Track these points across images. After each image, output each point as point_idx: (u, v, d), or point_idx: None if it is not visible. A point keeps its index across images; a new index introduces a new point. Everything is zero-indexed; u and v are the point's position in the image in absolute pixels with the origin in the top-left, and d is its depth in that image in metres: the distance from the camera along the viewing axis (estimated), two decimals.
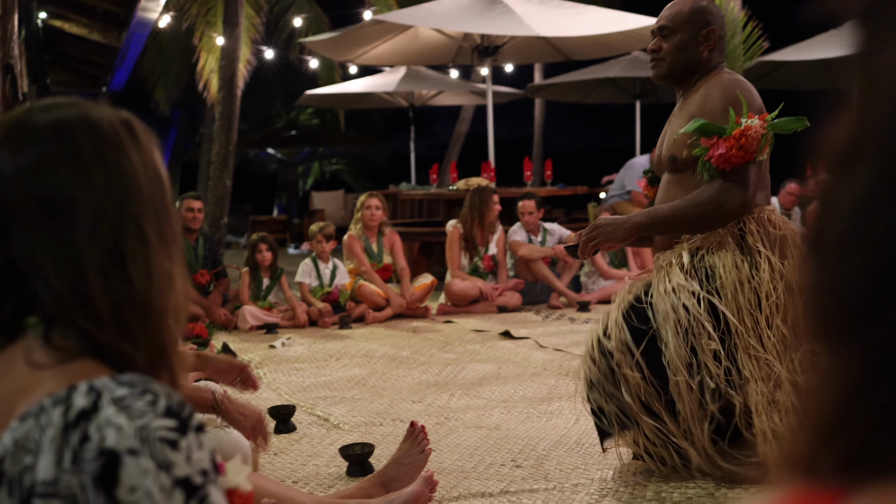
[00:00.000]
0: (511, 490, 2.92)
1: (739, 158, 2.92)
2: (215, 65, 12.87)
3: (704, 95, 3.08)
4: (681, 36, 3.18)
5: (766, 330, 2.87)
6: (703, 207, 2.98)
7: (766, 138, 2.95)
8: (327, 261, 7.27)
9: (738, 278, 2.93)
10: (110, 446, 0.97)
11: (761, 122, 2.94)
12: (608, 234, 3.06)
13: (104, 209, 1.10)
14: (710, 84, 3.10)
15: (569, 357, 5.31)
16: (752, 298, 2.90)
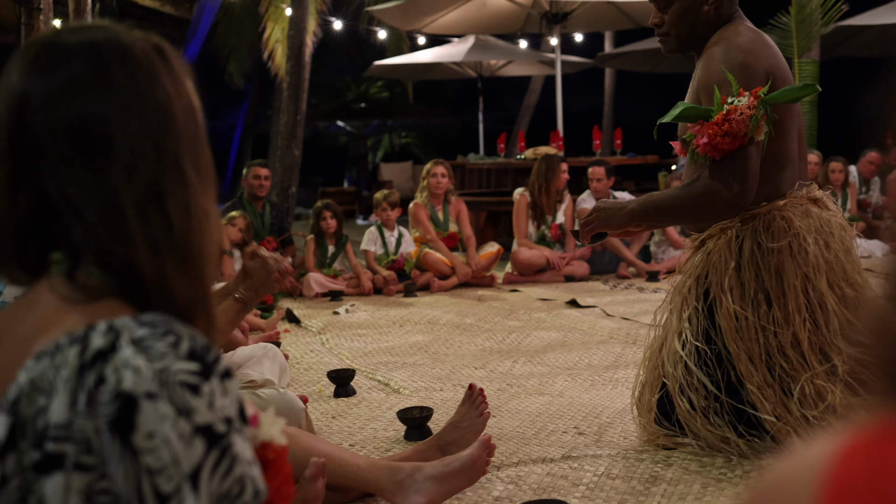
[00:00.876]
0: (573, 456, 2.84)
1: (728, 144, 2.65)
2: (281, 35, 12.87)
3: (706, 63, 2.79)
4: (678, 2, 2.89)
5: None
6: (695, 199, 2.76)
7: (758, 118, 2.64)
8: (392, 229, 7.22)
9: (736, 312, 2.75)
10: (127, 389, 0.91)
11: (751, 99, 2.64)
12: (605, 220, 2.90)
13: (140, 143, 1.03)
14: (714, 49, 2.79)
15: (636, 325, 5.20)
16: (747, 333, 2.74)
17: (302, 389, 3.83)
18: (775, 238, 2.75)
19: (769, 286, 2.74)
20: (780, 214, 2.79)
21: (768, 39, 2.86)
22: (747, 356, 2.73)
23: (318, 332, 5.24)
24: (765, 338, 2.73)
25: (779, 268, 2.74)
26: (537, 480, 2.63)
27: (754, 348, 2.73)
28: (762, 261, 2.75)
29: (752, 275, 2.75)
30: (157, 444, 0.90)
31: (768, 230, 2.77)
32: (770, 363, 2.72)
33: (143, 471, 0.90)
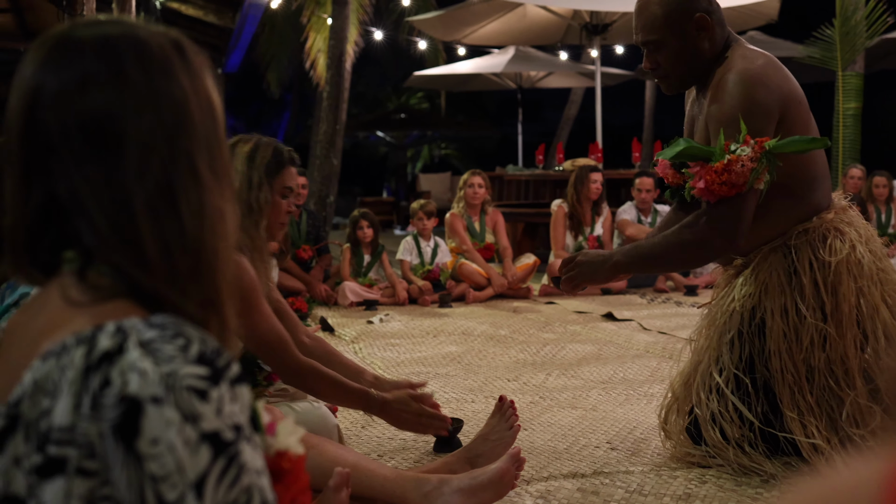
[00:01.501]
0: (605, 471, 2.78)
1: (726, 192, 2.55)
2: (323, 45, 12.93)
3: (716, 95, 2.66)
4: (671, 44, 2.71)
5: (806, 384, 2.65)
6: (686, 247, 2.67)
7: (760, 171, 2.53)
8: (429, 238, 7.18)
9: (786, 334, 2.65)
10: (132, 393, 0.88)
11: (755, 150, 2.51)
12: (588, 277, 2.78)
13: (154, 141, 1.00)
14: (726, 79, 2.64)
15: (673, 340, 5.12)
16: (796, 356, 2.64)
17: None
18: (833, 251, 2.67)
19: (825, 300, 2.65)
20: (832, 227, 2.72)
21: (777, 62, 2.73)
22: (792, 379, 2.65)
23: (352, 341, 5.22)
24: (815, 357, 2.64)
25: (836, 282, 2.65)
26: (567, 496, 2.57)
27: (801, 370, 2.64)
28: (819, 275, 2.66)
29: (810, 291, 2.66)
30: (161, 451, 0.87)
31: (825, 243, 2.69)
32: (815, 384, 2.64)
33: (146, 478, 0.87)
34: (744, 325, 2.75)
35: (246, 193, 2.58)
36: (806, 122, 2.71)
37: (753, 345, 2.73)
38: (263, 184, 2.60)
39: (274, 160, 2.64)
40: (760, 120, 2.59)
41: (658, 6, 2.71)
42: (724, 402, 2.73)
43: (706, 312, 2.94)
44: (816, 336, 2.64)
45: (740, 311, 2.77)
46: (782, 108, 2.64)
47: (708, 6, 2.72)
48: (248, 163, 2.61)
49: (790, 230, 2.73)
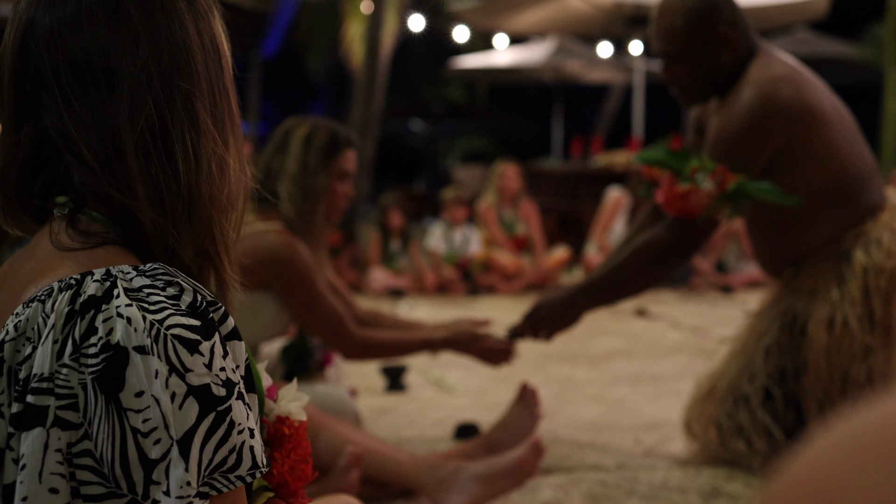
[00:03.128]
0: (628, 465, 2.70)
1: (687, 214, 2.45)
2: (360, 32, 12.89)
3: (728, 110, 2.51)
4: (691, 57, 2.56)
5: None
6: (647, 265, 2.57)
7: (716, 209, 2.43)
8: (459, 227, 7.11)
9: (827, 347, 2.52)
10: (117, 341, 0.83)
11: (715, 189, 2.40)
12: (554, 327, 2.72)
13: (148, 79, 0.95)
14: (742, 95, 2.49)
15: (706, 338, 5.01)
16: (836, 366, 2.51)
17: (354, 382, 3.74)
18: (890, 255, 2.52)
19: (874, 308, 2.51)
20: (888, 228, 2.56)
21: (798, 75, 2.54)
22: (824, 394, 2.53)
23: None
24: (854, 369, 2.51)
25: (890, 289, 2.51)
26: (588, 488, 2.49)
27: (837, 384, 2.51)
28: (872, 281, 2.52)
29: (859, 298, 2.51)
30: (146, 403, 0.82)
31: (880, 247, 2.54)
32: (850, 397, 2.52)
33: (128, 432, 0.82)
34: (783, 334, 2.64)
35: (302, 178, 2.53)
36: (828, 140, 2.53)
37: (790, 356, 2.62)
38: (320, 168, 2.54)
39: (330, 143, 2.57)
40: (750, 150, 2.47)
41: (680, 16, 2.55)
42: (751, 414, 2.63)
43: (750, 320, 2.83)
44: (859, 348, 2.50)
45: (780, 319, 2.66)
46: (793, 128, 2.48)
47: (732, 17, 2.56)
48: (304, 146, 2.55)
49: (843, 234, 2.58)
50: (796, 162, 2.52)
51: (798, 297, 2.65)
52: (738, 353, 2.77)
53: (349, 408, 2.65)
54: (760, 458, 2.60)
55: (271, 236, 2.46)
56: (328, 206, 2.60)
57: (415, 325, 2.96)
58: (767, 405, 2.62)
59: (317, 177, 2.54)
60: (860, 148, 2.63)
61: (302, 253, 2.46)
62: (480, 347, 2.68)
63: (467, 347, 2.68)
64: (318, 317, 2.51)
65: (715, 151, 2.49)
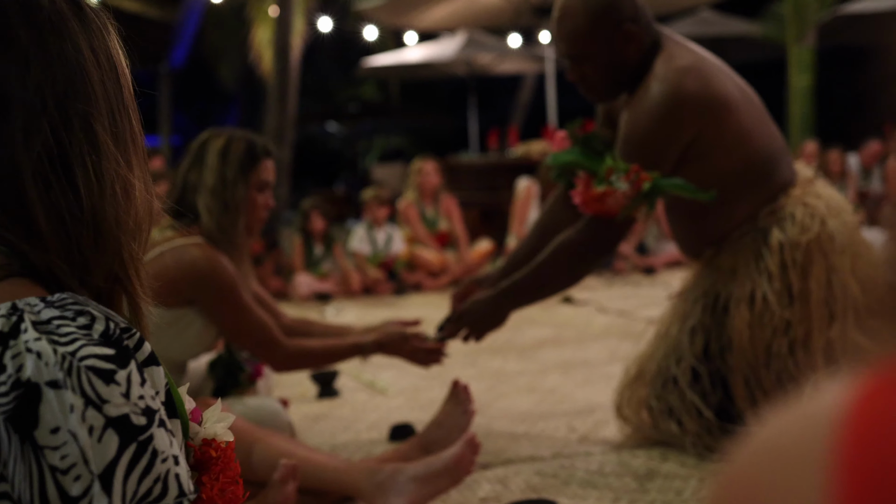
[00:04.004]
0: (564, 454, 2.71)
1: (604, 214, 2.49)
2: (268, 38, 12.76)
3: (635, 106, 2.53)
4: (597, 57, 2.56)
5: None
6: (566, 265, 2.59)
7: (634, 207, 2.46)
8: (381, 227, 7.09)
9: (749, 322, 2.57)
10: (28, 378, 0.79)
11: (631, 189, 2.43)
12: (481, 329, 2.70)
13: (42, 103, 0.91)
14: (649, 90, 2.50)
15: (633, 321, 5.07)
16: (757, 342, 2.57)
17: (285, 391, 3.70)
18: (804, 229, 2.57)
19: (793, 282, 2.56)
20: (800, 202, 2.62)
21: (703, 64, 2.55)
22: (749, 370, 2.57)
23: None
24: (776, 342, 2.56)
25: (806, 262, 2.56)
26: (526, 480, 2.50)
27: (761, 358, 2.56)
28: (789, 256, 2.57)
29: (777, 273, 2.56)
30: (62, 440, 0.78)
31: (794, 221, 2.59)
32: (773, 369, 2.57)
33: (46, 471, 0.78)
34: (706, 314, 2.69)
35: (221, 191, 2.49)
36: (737, 126, 2.56)
37: (714, 335, 2.67)
38: (238, 180, 2.50)
39: (248, 154, 2.53)
40: (661, 146, 2.50)
41: (583, 17, 2.53)
42: (680, 394, 2.67)
43: (673, 302, 2.86)
44: (780, 322, 2.55)
45: (703, 300, 2.71)
46: (701, 120, 2.51)
47: (634, 13, 2.56)
48: (221, 159, 2.50)
49: (758, 212, 2.63)
50: (708, 151, 2.54)
51: (718, 276, 2.69)
52: (664, 335, 2.81)
53: (282, 419, 2.61)
54: (692, 437, 2.64)
55: (192, 250, 2.42)
56: (249, 218, 2.57)
57: (344, 329, 2.94)
58: (696, 385, 2.66)
59: (236, 189, 2.51)
60: (769, 128, 2.67)
61: (224, 265, 2.42)
62: (411, 348, 2.68)
63: (397, 349, 2.68)
64: (244, 329, 2.48)
65: (626, 150, 2.50)
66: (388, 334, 2.67)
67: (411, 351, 2.68)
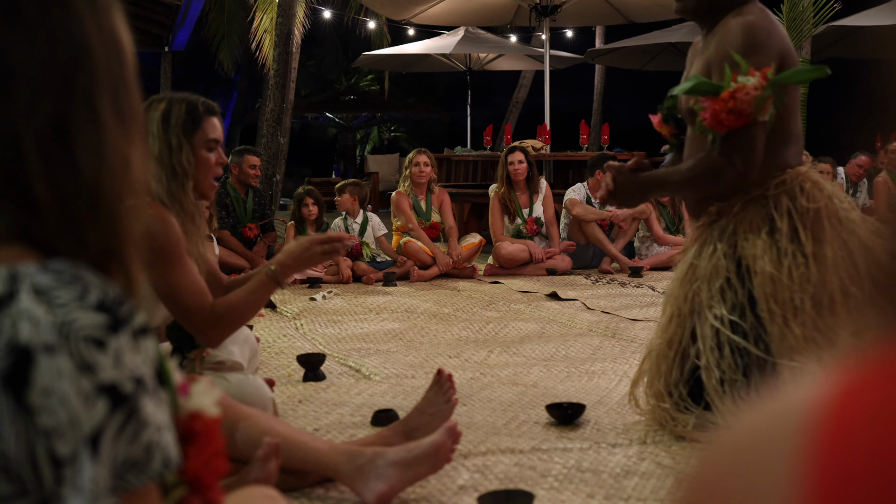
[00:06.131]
0: (543, 448, 2.75)
1: (733, 122, 2.62)
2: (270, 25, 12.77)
3: (722, 37, 2.76)
4: None
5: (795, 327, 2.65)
6: (701, 178, 2.76)
7: (765, 99, 2.61)
8: (356, 216, 7.13)
9: (772, 276, 2.68)
10: (23, 341, 0.82)
11: (759, 80, 2.60)
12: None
13: (46, 79, 0.93)
14: (731, 23, 2.76)
15: (616, 319, 5.12)
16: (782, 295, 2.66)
17: (271, 373, 3.74)
18: (811, 199, 2.74)
19: (805, 243, 2.69)
20: (808, 178, 2.79)
21: (780, 24, 2.83)
22: (781, 318, 2.66)
23: (293, 318, 5.15)
24: (801, 301, 2.66)
25: (816, 228, 2.70)
26: (504, 470, 2.54)
27: (789, 307, 2.66)
28: (799, 220, 2.72)
29: (789, 236, 2.70)
30: (53, 403, 0.81)
31: (802, 192, 2.75)
32: (801, 322, 2.65)
33: (37, 431, 0.81)
34: (730, 272, 2.77)
35: (168, 157, 2.49)
36: (791, 88, 2.78)
37: (742, 291, 2.75)
38: (183, 144, 2.50)
39: (189, 117, 2.53)
40: (763, 58, 2.66)
41: None
42: (721, 352, 2.72)
43: (681, 268, 2.95)
44: (798, 276, 2.67)
45: (725, 259, 2.79)
46: (780, 59, 2.70)
47: None
48: (162, 125, 2.51)
49: (766, 181, 2.79)
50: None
51: (734, 237, 2.80)
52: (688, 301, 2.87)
53: (265, 395, 2.64)
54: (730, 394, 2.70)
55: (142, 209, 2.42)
56: (202, 178, 2.56)
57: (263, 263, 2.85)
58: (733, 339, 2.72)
59: (181, 154, 2.51)
60: (798, 109, 2.88)
61: (171, 222, 2.41)
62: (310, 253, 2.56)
63: (299, 259, 2.55)
64: (178, 291, 2.42)
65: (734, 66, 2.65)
66: (286, 251, 2.58)
67: (312, 255, 2.56)
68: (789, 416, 0.40)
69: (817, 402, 0.40)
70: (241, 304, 2.51)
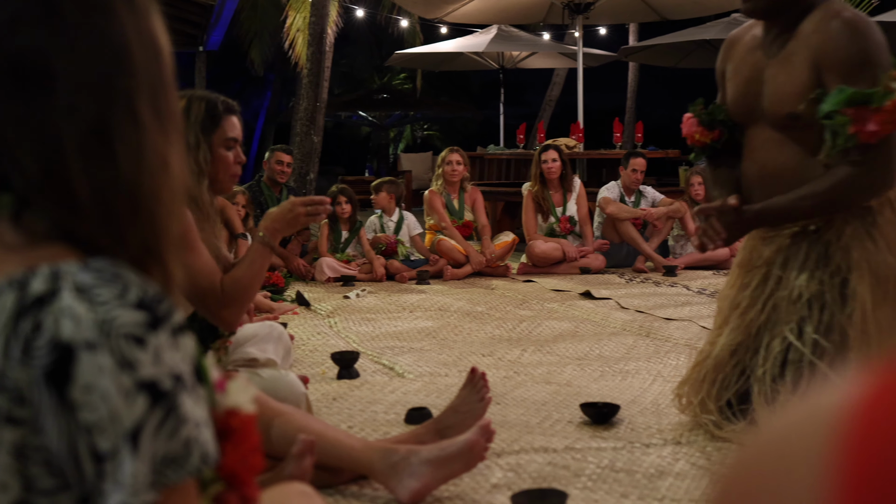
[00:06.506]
0: (576, 447, 2.75)
1: (888, 131, 2.52)
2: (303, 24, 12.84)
3: (823, 36, 2.60)
4: None
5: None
6: (846, 196, 2.60)
7: None
8: (392, 214, 7.15)
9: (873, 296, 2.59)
10: (65, 338, 0.83)
11: None
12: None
13: (88, 80, 0.95)
14: (832, 25, 2.59)
15: (650, 319, 5.10)
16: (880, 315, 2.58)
17: (305, 370, 3.76)
18: None
19: None
20: None
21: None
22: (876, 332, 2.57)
23: (327, 316, 5.18)
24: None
25: None
26: (538, 469, 2.54)
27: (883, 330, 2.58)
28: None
29: (886, 249, 2.62)
30: (94, 399, 0.82)
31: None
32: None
33: (79, 427, 0.83)
34: (826, 288, 2.67)
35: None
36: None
37: (837, 310, 2.65)
38: (201, 142, 2.52)
39: (208, 115, 2.54)
40: (887, 62, 2.57)
41: None
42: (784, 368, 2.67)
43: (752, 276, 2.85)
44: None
45: (820, 275, 2.69)
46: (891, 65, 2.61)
47: None
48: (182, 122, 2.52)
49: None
50: None
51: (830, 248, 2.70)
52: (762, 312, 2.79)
53: (298, 391, 2.66)
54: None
55: None
56: (220, 176, 2.58)
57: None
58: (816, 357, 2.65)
59: (199, 152, 2.52)
60: None
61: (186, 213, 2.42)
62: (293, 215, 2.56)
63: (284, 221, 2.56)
64: (191, 273, 2.41)
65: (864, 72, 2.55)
66: (270, 215, 2.58)
67: (296, 216, 2.56)
68: (819, 417, 0.40)
69: (847, 404, 0.40)
70: (244, 277, 2.51)
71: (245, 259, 2.55)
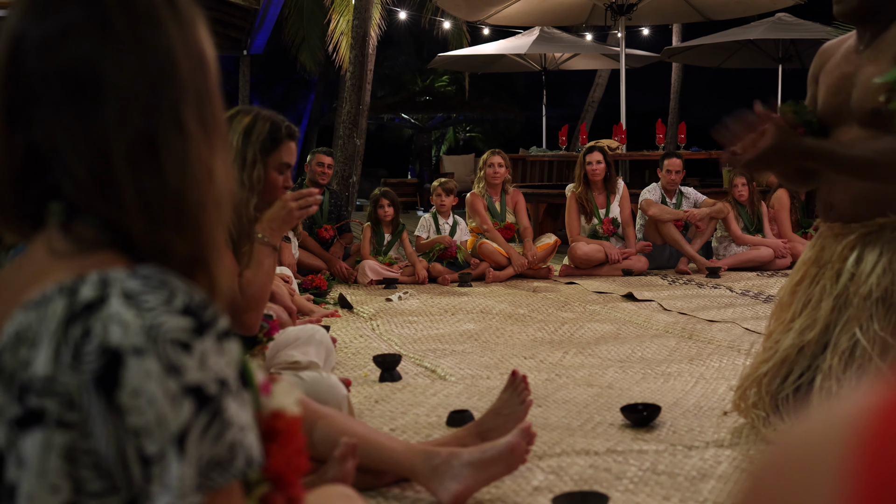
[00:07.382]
0: (618, 450, 2.74)
1: None
2: (346, 27, 12.91)
3: None
4: None
5: None
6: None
7: None
8: (447, 216, 7.16)
9: None
10: (114, 344, 0.86)
11: None
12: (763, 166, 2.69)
13: (136, 91, 0.97)
14: None
15: (693, 321, 5.06)
16: None
17: (348, 373, 3.79)
18: None
19: None
20: None
21: None
22: None
23: (370, 318, 5.21)
24: None
25: None
26: (579, 472, 2.54)
27: None
28: None
29: None
30: (142, 403, 0.85)
31: None
32: None
33: (127, 431, 0.85)
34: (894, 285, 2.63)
35: (239, 170, 2.53)
36: None
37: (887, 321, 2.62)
38: (258, 161, 2.55)
39: (270, 136, 2.58)
40: None
41: None
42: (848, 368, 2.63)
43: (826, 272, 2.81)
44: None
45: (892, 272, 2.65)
46: None
47: None
48: (243, 138, 2.55)
49: None
50: None
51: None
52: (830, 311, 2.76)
53: (339, 393, 2.68)
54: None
55: None
56: (266, 197, 2.61)
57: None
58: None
59: (253, 170, 2.55)
60: None
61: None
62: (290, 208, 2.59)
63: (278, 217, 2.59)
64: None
65: None
66: (265, 216, 2.61)
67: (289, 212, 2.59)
68: (837, 425, 0.42)
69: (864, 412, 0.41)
70: (255, 279, 2.57)
71: (251, 262, 2.60)
